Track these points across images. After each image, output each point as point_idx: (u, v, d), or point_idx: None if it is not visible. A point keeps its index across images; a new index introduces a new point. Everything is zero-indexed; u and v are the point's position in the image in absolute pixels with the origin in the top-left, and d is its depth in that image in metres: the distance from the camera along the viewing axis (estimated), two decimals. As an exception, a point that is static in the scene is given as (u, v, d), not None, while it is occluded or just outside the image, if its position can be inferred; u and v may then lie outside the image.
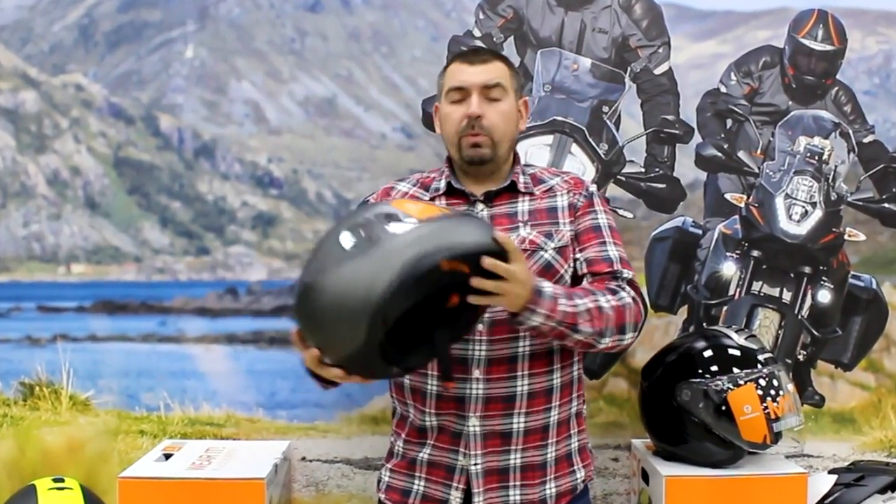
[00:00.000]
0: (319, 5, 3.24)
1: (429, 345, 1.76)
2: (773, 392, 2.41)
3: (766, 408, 2.40)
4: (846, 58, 3.06)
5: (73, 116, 3.23)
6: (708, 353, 2.48)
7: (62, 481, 2.47)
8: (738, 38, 3.18)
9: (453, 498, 1.98)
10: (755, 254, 2.97)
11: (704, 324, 2.96)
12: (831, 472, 2.60)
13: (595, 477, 2.19)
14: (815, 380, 3.02)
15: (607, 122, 2.99)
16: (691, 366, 2.46)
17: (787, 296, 2.97)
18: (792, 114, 3.03)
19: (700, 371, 2.44)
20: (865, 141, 3.05)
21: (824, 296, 2.99)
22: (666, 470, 2.44)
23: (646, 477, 2.56)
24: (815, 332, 2.98)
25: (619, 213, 2.92)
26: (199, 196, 3.21)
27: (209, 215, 3.21)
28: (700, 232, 3.04)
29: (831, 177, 2.97)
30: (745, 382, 2.41)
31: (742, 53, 3.08)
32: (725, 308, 2.98)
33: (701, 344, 2.51)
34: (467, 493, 1.98)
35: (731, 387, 2.41)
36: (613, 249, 2.02)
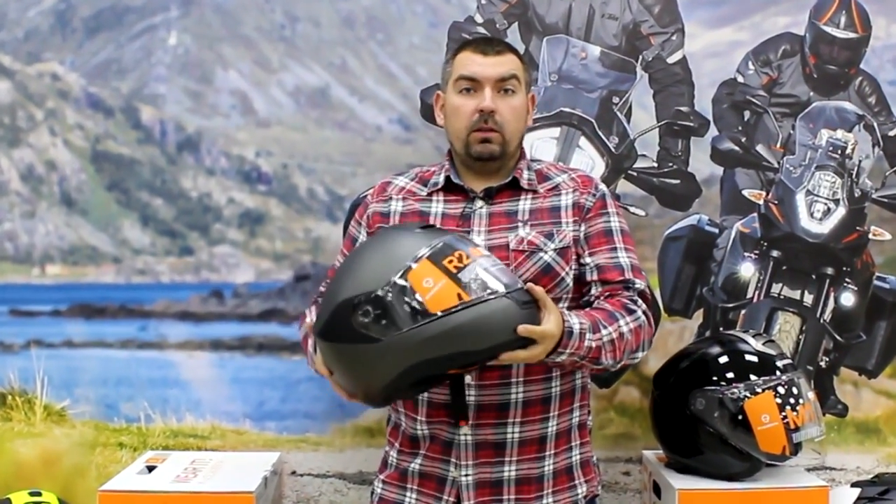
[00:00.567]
0: (311, -11, 3.24)
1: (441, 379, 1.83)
2: (792, 400, 2.41)
3: (785, 417, 2.40)
4: (870, 46, 3.06)
5: (49, 108, 3.23)
6: (724, 360, 2.49)
7: (39, 494, 2.50)
8: (756, 24, 3.17)
9: None
10: (775, 254, 2.98)
11: (721, 328, 2.96)
12: (854, 485, 2.60)
13: (605, 492, 2.18)
14: (837, 388, 3.02)
15: (617, 113, 2.98)
16: (706, 373, 2.47)
17: (808, 298, 2.98)
18: (813, 105, 3.04)
19: (715, 378, 2.45)
20: (891, 134, 3.05)
21: (848, 298, 2.99)
22: (679, 483, 2.44)
23: (658, 491, 2.56)
24: (837, 338, 2.99)
25: (630, 210, 2.92)
26: (183, 192, 3.21)
27: (193, 213, 3.21)
28: (716, 231, 3.04)
29: (855, 172, 2.97)
30: (764, 390, 2.41)
31: (760, 41, 3.08)
32: (743, 312, 2.98)
33: (716, 350, 2.52)
34: None
35: (749, 395, 2.41)
36: (625, 256, 2.02)
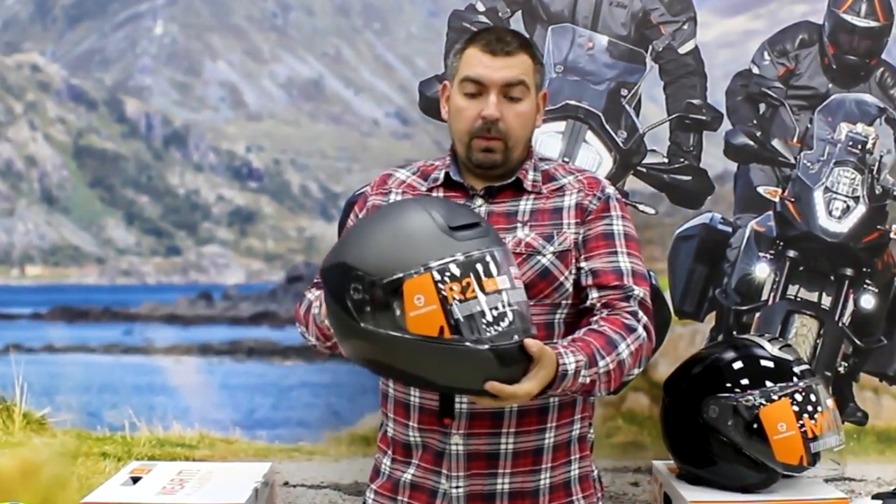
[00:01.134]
0: (304, -24, 3.25)
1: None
2: (810, 408, 2.42)
3: (802, 426, 2.40)
4: (892, 35, 3.07)
5: (29, 100, 3.23)
6: (738, 365, 2.49)
7: (18, 506, 2.50)
8: (772, 13, 3.18)
9: None
10: (791, 254, 2.98)
11: (734, 332, 2.97)
12: (875, 497, 2.59)
13: (612, 506, 2.19)
14: (857, 394, 3.03)
15: (626, 106, 2.99)
16: (719, 379, 2.47)
17: (826, 301, 2.98)
18: (832, 98, 3.04)
19: (729, 385, 2.45)
20: (914, 128, 3.06)
21: (868, 301, 3.00)
22: (691, 495, 2.44)
23: (668, 503, 2.57)
24: (857, 342, 2.99)
25: (639, 208, 2.93)
26: (170, 189, 3.22)
27: (180, 211, 3.21)
28: (729, 230, 3.05)
29: (876, 168, 2.98)
30: (780, 397, 2.41)
31: (777, 30, 3.09)
32: (758, 315, 2.99)
33: (730, 355, 2.52)
34: None
35: (764, 402, 2.41)
36: (625, 260, 1.98)
